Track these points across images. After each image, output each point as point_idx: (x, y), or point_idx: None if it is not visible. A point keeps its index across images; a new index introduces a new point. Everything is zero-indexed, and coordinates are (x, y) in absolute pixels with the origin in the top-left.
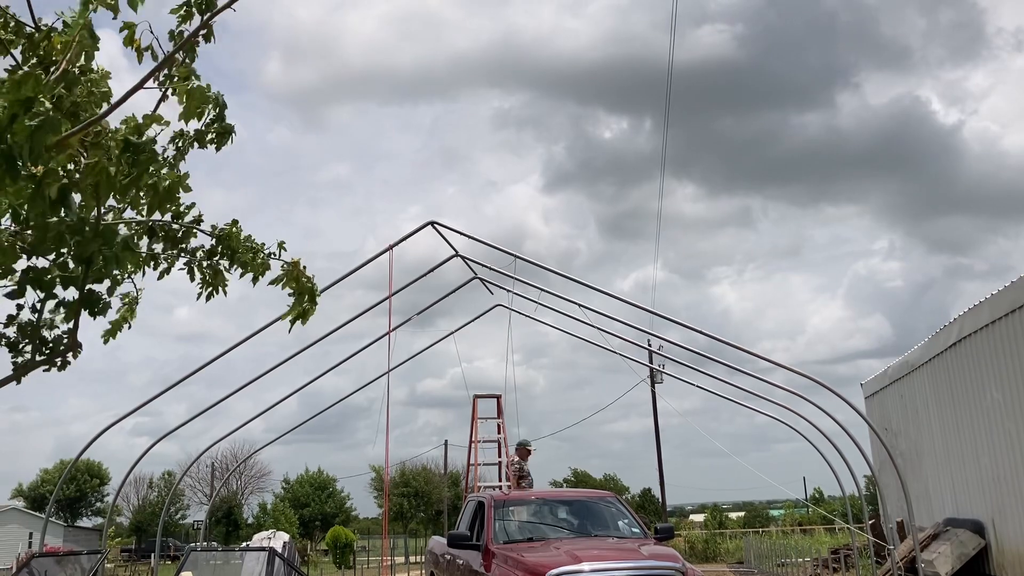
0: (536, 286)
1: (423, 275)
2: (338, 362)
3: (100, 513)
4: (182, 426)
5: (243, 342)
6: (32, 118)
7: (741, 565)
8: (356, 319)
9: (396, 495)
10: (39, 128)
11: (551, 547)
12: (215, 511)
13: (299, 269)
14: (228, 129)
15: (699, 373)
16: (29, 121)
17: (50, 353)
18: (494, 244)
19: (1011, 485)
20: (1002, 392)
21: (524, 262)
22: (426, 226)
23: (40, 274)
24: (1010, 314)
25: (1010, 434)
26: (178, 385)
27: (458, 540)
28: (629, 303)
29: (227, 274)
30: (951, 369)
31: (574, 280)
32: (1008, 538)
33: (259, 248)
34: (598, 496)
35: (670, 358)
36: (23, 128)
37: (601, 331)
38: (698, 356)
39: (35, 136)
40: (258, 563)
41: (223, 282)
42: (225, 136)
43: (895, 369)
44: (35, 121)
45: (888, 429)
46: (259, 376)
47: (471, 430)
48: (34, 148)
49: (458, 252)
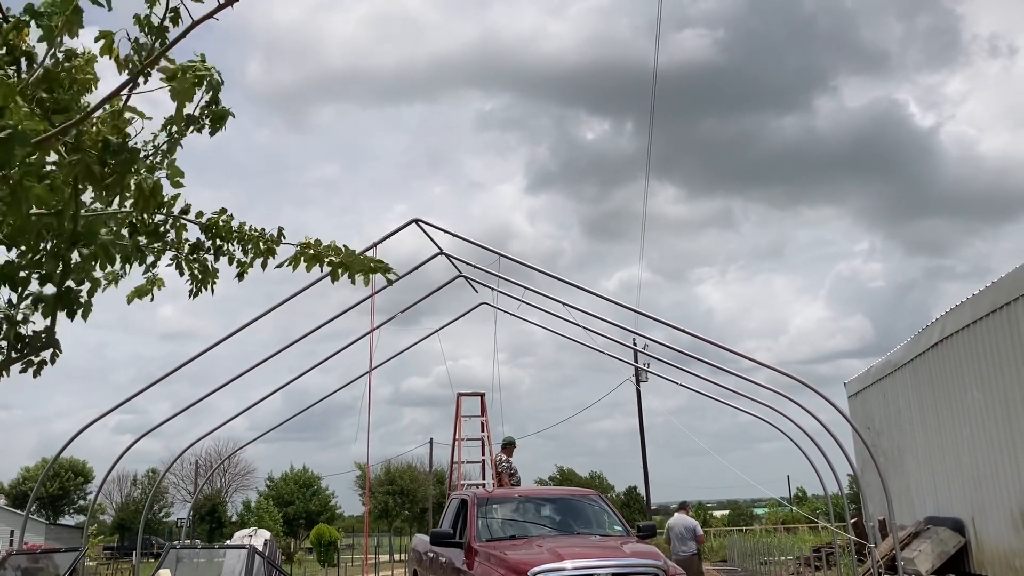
0: (521, 284)
1: (407, 273)
2: (322, 360)
3: (83, 511)
4: (165, 423)
5: (227, 338)
6: (2, 129)
7: (725, 563)
8: (340, 317)
9: (381, 493)
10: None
11: (534, 545)
12: (199, 509)
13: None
14: (223, 113)
15: (683, 372)
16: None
17: (27, 351)
18: (478, 242)
19: (991, 484)
20: (983, 392)
21: (509, 261)
22: (410, 223)
23: (13, 270)
24: (990, 314)
25: (990, 434)
26: (162, 382)
27: (441, 538)
28: (614, 302)
29: (216, 266)
30: (933, 369)
31: (559, 279)
32: (988, 536)
33: (260, 233)
34: (581, 494)
35: (655, 357)
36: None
37: (586, 330)
38: (682, 355)
39: (4, 147)
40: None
41: (212, 279)
42: (220, 120)
43: (878, 368)
44: (4, 133)
45: (870, 428)
46: (243, 373)
47: (455, 428)
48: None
49: (442, 250)
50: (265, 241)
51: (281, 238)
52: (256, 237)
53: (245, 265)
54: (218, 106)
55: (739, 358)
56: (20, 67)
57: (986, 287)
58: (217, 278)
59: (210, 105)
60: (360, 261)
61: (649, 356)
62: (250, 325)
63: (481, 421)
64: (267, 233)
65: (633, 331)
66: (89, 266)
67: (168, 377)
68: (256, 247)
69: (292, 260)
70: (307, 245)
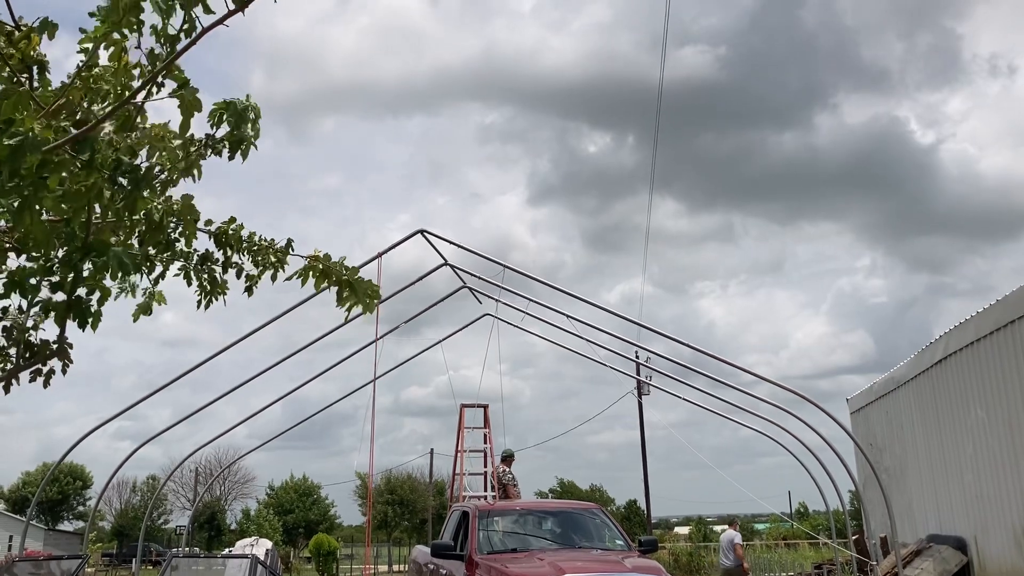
0: (525, 296)
1: (413, 283)
2: (325, 369)
3: (82, 517)
4: (166, 430)
5: (229, 347)
6: (11, 137)
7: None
8: (342, 327)
9: (381, 503)
10: (19, 147)
11: (535, 558)
12: (198, 516)
13: (329, 262)
14: (243, 138)
15: (685, 385)
16: (8, 140)
17: (35, 358)
18: (483, 253)
19: (994, 503)
20: (986, 410)
21: (512, 272)
22: (416, 234)
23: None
24: (995, 332)
25: (993, 452)
26: (163, 390)
27: (442, 550)
28: (616, 314)
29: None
30: (936, 386)
31: (562, 291)
32: (990, 555)
33: (270, 244)
34: (583, 508)
35: (656, 370)
36: (2, 148)
37: (589, 342)
38: (684, 368)
39: (15, 154)
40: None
41: (222, 290)
42: (237, 145)
43: (881, 385)
44: (14, 140)
45: (873, 445)
46: (244, 382)
47: (457, 439)
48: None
49: (447, 261)
50: (275, 253)
51: (290, 249)
52: (266, 248)
53: (254, 279)
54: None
55: (741, 372)
56: (32, 75)
57: (990, 305)
58: (227, 289)
59: (232, 132)
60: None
61: (651, 369)
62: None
63: (484, 433)
64: (276, 244)
65: (635, 344)
66: (100, 275)
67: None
68: (266, 259)
69: (301, 274)
70: (315, 259)
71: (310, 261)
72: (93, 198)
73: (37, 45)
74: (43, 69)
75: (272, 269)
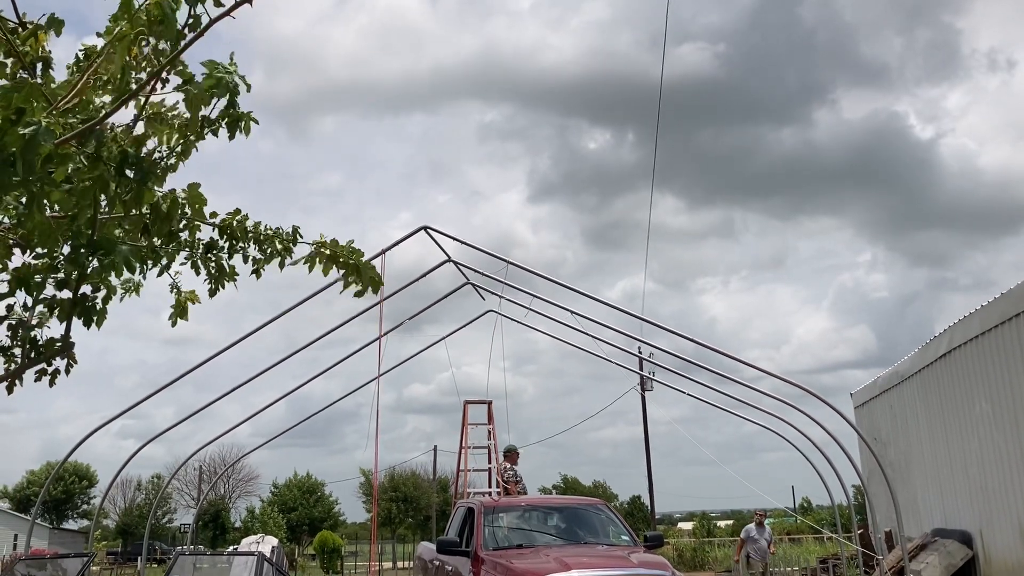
0: (528, 292)
1: (416, 279)
2: (328, 367)
3: (86, 515)
4: (170, 429)
5: (232, 346)
6: (25, 127)
7: (729, 573)
8: (346, 324)
9: (385, 500)
10: (32, 138)
11: (540, 554)
12: (202, 515)
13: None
14: (240, 117)
15: (688, 381)
16: (23, 130)
17: (41, 356)
18: (486, 249)
19: (999, 496)
20: (991, 403)
21: (515, 268)
22: (419, 231)
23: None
24: (1000, 326)
25: (998, 445)
26: (167, 388)
27: (447, 546)
28: (619, 309)
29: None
30: (941, 380)
31: (565, 286)
32: (995, 549)
33: (275, 232)
34: (588, 503)
35: (660, 365)
36: (16, 137)
37: (592, 337)
38: (687, 363)
39: (28, 145)
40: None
41: (230, 276)
42: (235, 124)
43: (885, 379)
44: (28, 130)
45: (877, 439)
46: (248, 380)
47: (461, 436)
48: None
49: (451, 257)
50: (282, 240)
51: (297, 236)
52: (272, 236)
53: (260, 263)
54: (235, 110)
55: (744, 367)
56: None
57: (996, 298)
58: (236, 275)
59: (227, 109)
60: (370, 268)
61: (654, 364)
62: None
63: (488, 429)
64: (283, 232)
65: (638, 339)
66: (107, 273)
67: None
68: (272, 246)
69: (308, 259)
70: (323, 244)
71: (317, 246)
72: (99, 192)
73: (44, 42)
74: (47, 66)
75: (280, 256)
